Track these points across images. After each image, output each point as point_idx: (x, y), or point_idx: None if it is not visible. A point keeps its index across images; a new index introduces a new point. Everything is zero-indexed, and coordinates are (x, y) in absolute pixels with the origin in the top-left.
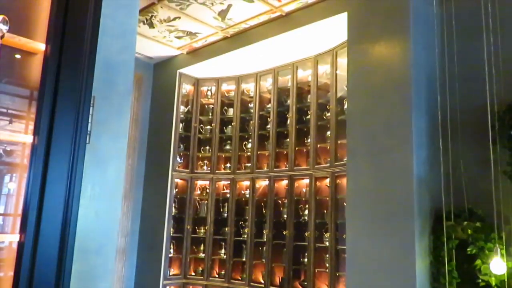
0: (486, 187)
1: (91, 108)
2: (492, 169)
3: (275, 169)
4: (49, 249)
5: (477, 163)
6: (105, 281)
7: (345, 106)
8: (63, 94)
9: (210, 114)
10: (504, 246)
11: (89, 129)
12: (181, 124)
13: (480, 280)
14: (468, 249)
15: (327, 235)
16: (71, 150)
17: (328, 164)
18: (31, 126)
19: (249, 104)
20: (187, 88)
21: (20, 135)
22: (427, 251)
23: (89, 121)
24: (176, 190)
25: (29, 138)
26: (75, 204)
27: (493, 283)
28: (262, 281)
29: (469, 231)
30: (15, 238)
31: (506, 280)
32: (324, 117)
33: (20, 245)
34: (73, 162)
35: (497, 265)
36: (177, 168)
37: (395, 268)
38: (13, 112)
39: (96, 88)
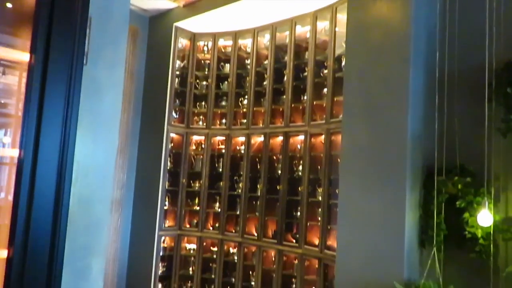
0: (479, 145)
1: (87, 29)
2: (486, 126)
3: (270, 126)
4: (47, 170)
5: (472, 121)
6: (103, 203)
7: (343, 64)
8: (59, 14)
9: (207, 69)
10: (492, 200)
11: (86, 49)
12: (177, 79)
13: (466, 232)
14: (457, 203)
15: (320, 190)
16: (69, 70)
17: (324, 121)
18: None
19: (246, 61)
20: (183, 42)
21: (17, 53)
22: (417, 205)
23: (86, 41)
24: (172, 145)
25: (26, 56)
26: (73, 128)
27: (479, 235)
28: (255, 234)
29: (459, 186)
30: (14, 153)
31: (491, 232)
32: (321, 75)
33: (20, 161)
34: (71, 82)
35: (484, 217)
36: (172, 123)
37: (385, 221)
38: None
39: (92, 14)
